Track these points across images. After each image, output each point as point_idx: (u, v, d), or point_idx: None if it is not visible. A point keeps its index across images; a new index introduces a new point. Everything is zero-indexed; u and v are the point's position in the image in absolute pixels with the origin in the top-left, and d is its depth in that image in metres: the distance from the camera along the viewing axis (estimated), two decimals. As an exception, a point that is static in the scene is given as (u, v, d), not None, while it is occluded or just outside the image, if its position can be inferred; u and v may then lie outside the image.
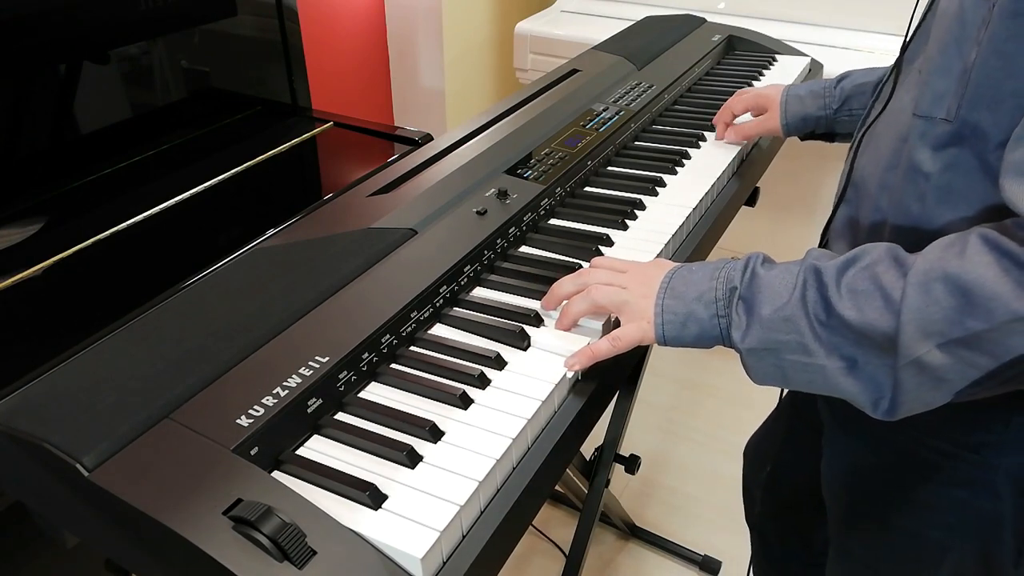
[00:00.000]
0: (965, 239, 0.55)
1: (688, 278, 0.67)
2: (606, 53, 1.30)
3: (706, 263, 0.68)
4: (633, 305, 0.67)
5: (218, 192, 1.12)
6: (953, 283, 0.53)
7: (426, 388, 0.64)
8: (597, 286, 0.69)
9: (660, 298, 0.66)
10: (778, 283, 0.62)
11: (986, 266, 0.52)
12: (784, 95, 1.06)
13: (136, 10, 1.07)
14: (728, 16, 1.90)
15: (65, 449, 0.52)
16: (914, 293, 0.55)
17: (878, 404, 0.58)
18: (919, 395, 0.57)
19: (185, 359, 0.60)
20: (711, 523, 1.66)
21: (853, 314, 0.57)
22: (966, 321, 0.53)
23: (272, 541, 0.47)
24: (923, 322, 0.54)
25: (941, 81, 0.62)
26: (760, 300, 0.62)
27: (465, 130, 1.02)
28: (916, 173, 0.65)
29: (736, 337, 0.63)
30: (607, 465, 1.23)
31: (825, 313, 0.59)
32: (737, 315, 0.63)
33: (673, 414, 1.96)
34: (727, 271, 0.65)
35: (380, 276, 0.72)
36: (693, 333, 0.65)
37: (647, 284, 0.68)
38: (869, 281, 0.57)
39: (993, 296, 0.52)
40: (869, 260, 0.59)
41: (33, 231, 0.98)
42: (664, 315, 0.66)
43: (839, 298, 0.58)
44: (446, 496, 0.54)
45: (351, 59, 1.99)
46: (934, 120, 0.63)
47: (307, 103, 1.38)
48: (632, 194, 0.96)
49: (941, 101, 0.62)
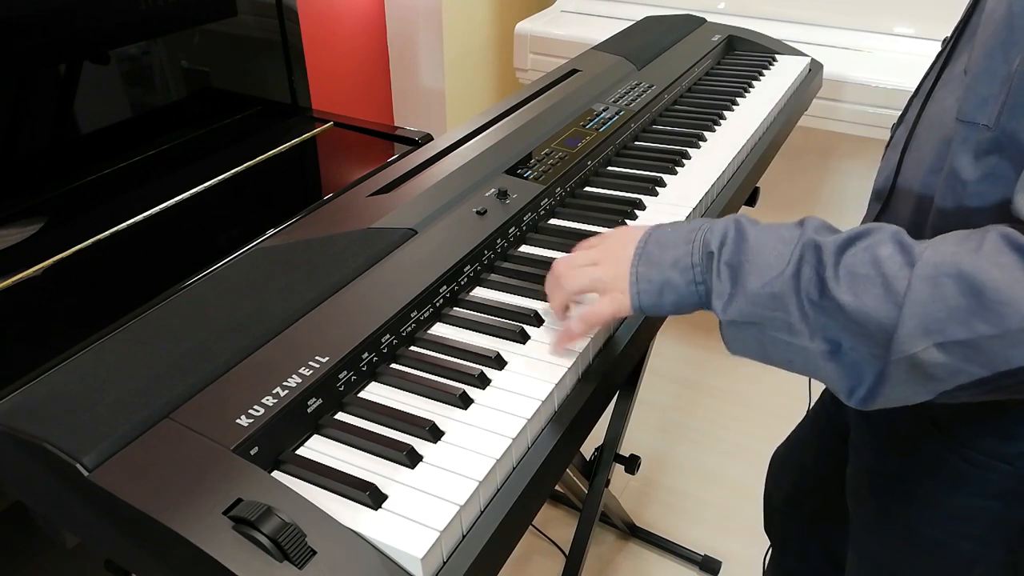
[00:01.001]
0: (983, 235, 0.52)
1: (663, 241, 0.63)
2: (606, 53, 1.30)
3: (682, 223, 0.65)
4: (606, 279, 0.65)
5: (218, 192, 1.12)
6: (967, 281, 0.50)
7: (426, 388, 0.64)
8: (567, 273, 0.67)
9: (634, 267, 0.63)
10: (769, 253, 0.58)
11: (1005, 267, 0.49)
12: None
13: (136, 10, 1.07)
14: (728, 16, 1.90)
15: (65, 449, 0.52)
16: (921, 286, 0.51)
17: (853, 392, 0.56)
18: (902, 390, 0.54)
19: (185, 359, 0.60)
20: (711, 523, 1.66)
21: (849, 299, 0.53)
22: (973, 323, 0.49)
23: (272, 541, 0.47)
24: (926, 318, 0.51)
25: (985, 86, 0.59)
26: (747, 270, 0.58)
27: (465, 130, 1.02)
28: (955, 179, 0.62)
29: (717, 306, 0.59)
30: (607, 465, 1.23)
31: (818, 293, 0.55)
32: (719, 281, 0.59)
33: (673, 414, 1.96)
34: (703, 233, 0.61)
35: (380, 276, 0.72)
36: (670, 300, 0.62)
37: (619, 252, 0.65)
38: (871, 265, 0.54)
39: (1009, 301, 0.48)
40: (872, 241, 0.55)
41: (33, 231, 0.98)
42: (640, 284, 0.63)
43: (836, 281, 0.54)
44: (446, 496, 0.54)
45: (351, 59, 1.99)
46: (976, 126, 0.59)
47: (307, 103, 1.38)
48: (632, 194, 0.96)
49: (984, 107, 0.59)
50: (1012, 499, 0.68)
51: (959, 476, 0.70)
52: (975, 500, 0.70)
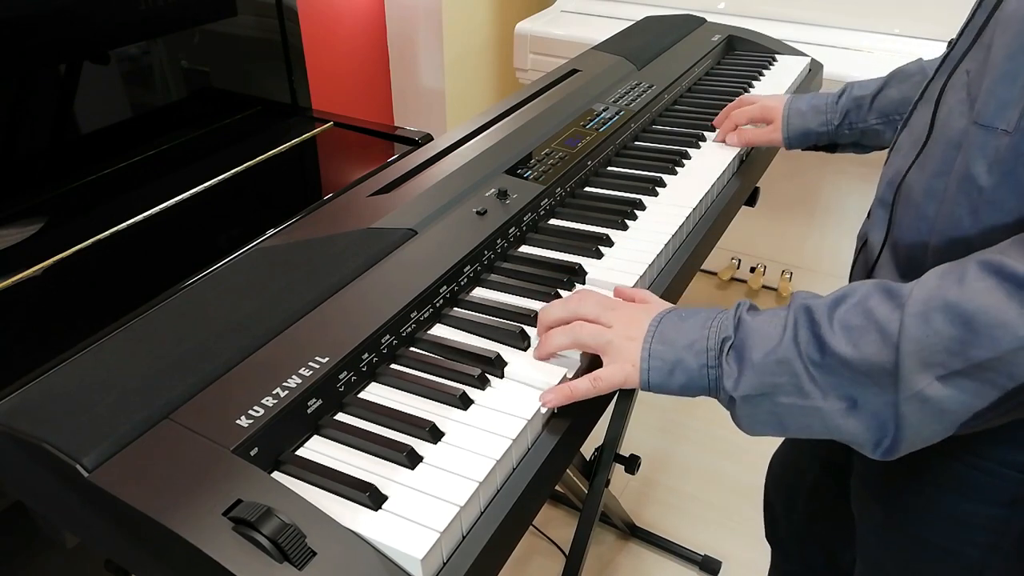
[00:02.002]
0: (964, 266, 0.53)
1: (679, 325, 0.64)
2: (606, 53, 1.30)
3: (697, 310, 0.65)
4: (617, 346, 0.65)
5: (218, 192, 1.12)
6: (953, 312, 0.51)
7: (426, 388, 0.64)
8: (582, 324, 0.66)
9: (648, 342, 0.63)
10: (767, 326, 0.60)
11: (987, 292, 0.50)
12: (787, 109, 1.06)
13: (136, 10, 1.07)
14: (728, 16, 1.90)
15: (65, 449, 0.52)
16: (913, 324, 0.52)
17: (880, 443, 0.56)
18: (921, 430, 0.55)
19: (185, 359, 0.60)
20: (711, 523, 1.66)
21: (849, 350, 0.55)
22: (969, 351, 0.50)
23: (272, 542, 0.47)
24: (923, 353, 0.52)
25: (1006, 90, 0.57)
26: (750, 345, 0.60)
27: (465, 130, 1.02)
28: (971, 184, 0.60)
29: (728, 386, 0.60)
30: (607, 465, 1.23)
31: (819, 352, 0.56)
32: (728, 364, 0.60)
33: (673, 414, 1.96)
34: (720, 320, 0.62)
35: (380, 276, 0.72)
36: (680, 382, 0.62)
37: (634, 326, 0.65)
38: (862, 316, 0.55)
39: (997, 324, 0.49)
40: (860, 296, 0.57)
41: (33, 231, 0.98)
42: (651, 360, 0.63)
43: (832, 335, 0.56)
44: (446, 497, 0.54)
45: (351, 59, 1.99)
46: (995, 131, 0.58)
47: (307, 103, 1.38)
48: (632, 194, 0.96)
49: (1004, 111, 0.57)
50: (1020, 507, 0.67)
51: (966, 483, 0.70)
52: (982, 508, 0.69)
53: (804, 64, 1.43)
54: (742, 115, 1.10)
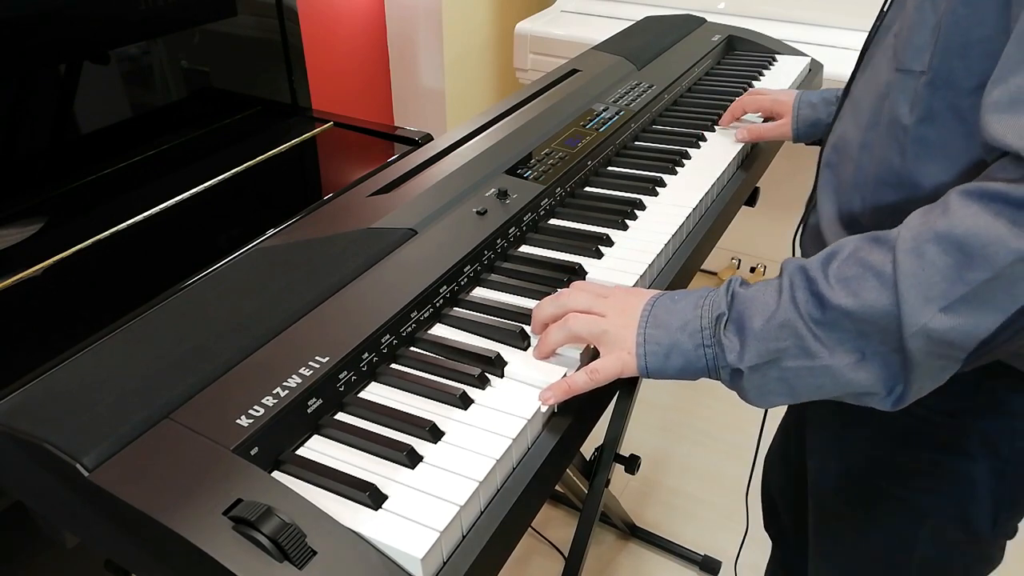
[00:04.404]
0: (944, 200, 0.54)
1: (671, 307, 0.64)
2: (606, 53, 1.30)
3: (689, 291, 0.66)
4: (613, 335, 0.64)
5: (218, 192, 1.12)
6: (945, 240, 0.52)
7: (426, 388, 0.64)
8: (575, 315, 0.66)
9: (642, 327, 0.63)
10: (762, 295, 0.61)
11: (974, 215, 0.51)
12: (797, 101, 1.07)
13: (136, 10, 1.07)
14: (728, 16, 1.90)
15: (65, 449, 0.52)
16: (906, 260, 0.53)
17: (892, 391, 0.57)
18: (929, 369, 0.55)
19: (185, 359, 0.60)
20: (711, 523, 1.66)
21: (849, 301, 0.55)
22: (967, 275, 0.51)
23: (272, 541, 0.47)
24: (922, 287, 0.52)
25: (918, 36, 0.64)
26: (748, 315, 0.60)
27: (465, 130, 1.02)
28: (896, 126, 0.66)
29: (732, 359, 0.60)
30: (607, 465, 1.23)
31: (819, 309, 0.57)
32: (728, 339, 0.61)
33: (673, 414, 1.96)
34: (712, 299, 0.63)
35: (380, 276, 0.72)
36: (677, 365, 0.63)
37: (627, 313, 0.65)
38: (856, 266, 0.56)
39: (989, 241, 0.50)
40: (850, 249, 0.58)
41: (33, 231, 0.98)
42: (647, 345, 0.63)
43: (830, 289, 0.56)
44: (446, 496, 0.54)
45: (351, 59, 1.99)
46: (913, 73, 0.65)
47: (307, 103, 1.38)
48: (632, 194, 0.96)
49: (919, 54, 0.64)
50: (955, 452, 0.71)
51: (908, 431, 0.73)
52: (923, 453, 0.73)
53: (804, 64, 1.43)
54: (752, 103, 1.11)
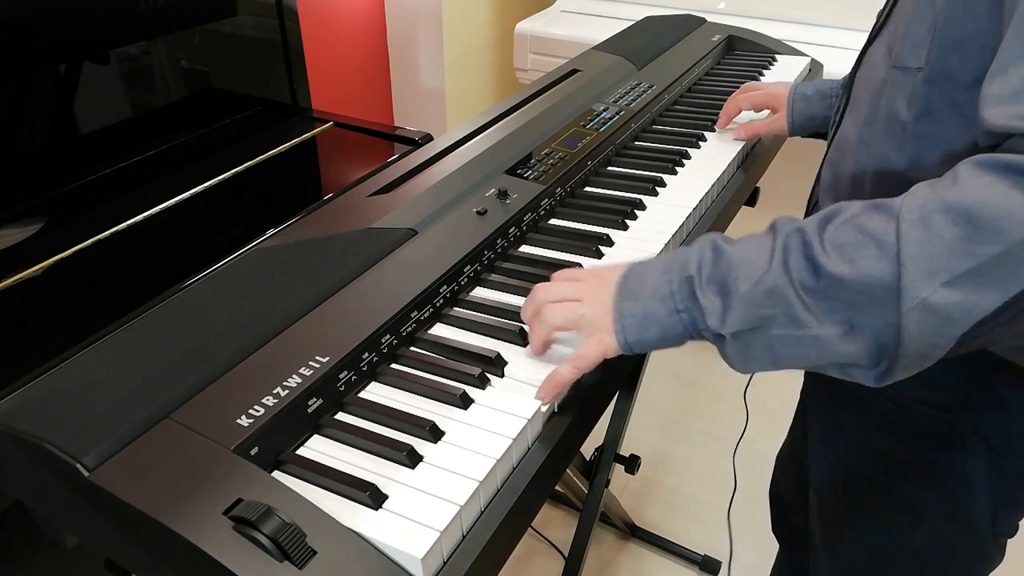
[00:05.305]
0: (954, 171, 0.52)
1: (642, 273, 0.62)
2: (606, 53, 1.30)
3: (659, 257, 0.64)
4: (590, 318, 0.62)
5: (218, 192, 1.12)
6: (955, 211, 0.49)
7: (426, 388, 0.64)
8: (550, 306, 0.64)
9: (617, 303, 0.61)
10: (752, 254, 0.57)
11: (987, 186, 0.48)
12: (792, 94, 1.07)
13: (136, 10, 1.07)
14: (728, 16, 1.90)
15: (65, 449, 0.52)
16: (912, 230, 0.50)
17: (879, 364, 0.54)
18: (921, 346, 0.52)
19: (185, 359, 0.60)
20: (711, 523, 1.66)
21: (845, 268, 0.52)
22: (975, 248, 0.48)
23: (272, 541, 0.47)
24: (927, 259, 0.49)
25: (915, 32, 0.64)
26: (734, 276, 0.57)
27: (465, 130, 1.02)
28: (894, 122, 0.66)
29: (713, 324, 0.57)
30: (607, 465, 1.23)
31: (813, 276, 0.53)
32: (708, 300, 0.57)
33: (673, 414, 1.96)
34: (680, 260, 0.60)
35: (380, 276, 0.72)
36: (655, 334, 0.60)
37: (602, 290, 0.63)
38: (855, 231, 0.53)
39: (1003, 214, 0.47)
40: (849, 214, 0.54)
41: (33, 231, 0.98)
42: (623, 319, 0.61)
43: (826, 256, 0.53)
44: (446, 496, 0.54)
45: (351, 59, 1.99)
46: (909, 70, 0.65)
47: (307, 103, 1.38)
48: (632, 194, 0.96)
49: (916, 50, 0.64)
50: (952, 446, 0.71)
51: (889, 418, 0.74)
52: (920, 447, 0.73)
53: (804, 64, 1.43)
54: (746, 100, 1.11)
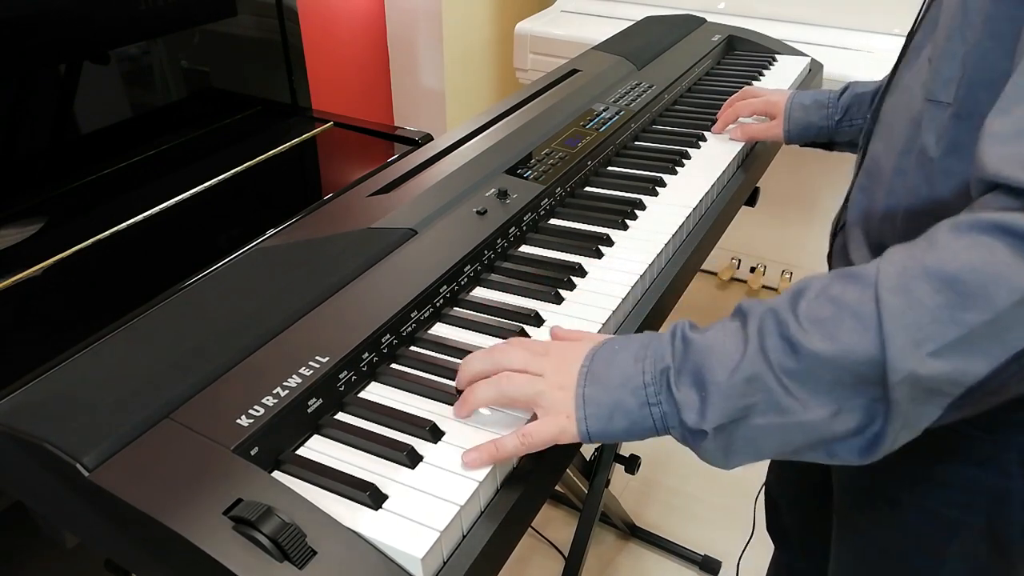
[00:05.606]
0: (930, 235, 0.49)
1: (611, 359, 0.57)
2: (606, 53, 1.30)
3: (631, 338, 0.58)
4: (549, 396, 0.57)
5: (218, 192, 1.12)
6: (935, 277, 0.46)
7: (426, 388, 0.64)
8: (508, 375, 0.59)
9: (580, 387, 0.56)
10: (723, 342, 0.53)
11: (967, 249, 0.46)
12: (789, 103, 1.07)
13: (136, 10, 1.07)
14: (728, 16, 1.90)
15: (65, 449, 0.52)
16: (891, 299, 0.47)
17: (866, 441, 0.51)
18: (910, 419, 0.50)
19: (185, 359, 0.60)
20: (711, 523, 1.66)
21: (826, 345, 0.48)
22: (961, 316, 0.45)
23: (272, 541, 0.47)
24: (910, 329, 0.46)
25: (948, 67, 0.63)
26: (708, 366, 0.53)
27: (465, 130, 1.02)
28: (924, 158, 0.65)
29: (691, 420, 0.53)
30: (607, 465, 1.23)
31: (792, 357, 0.50)
32: (684, 394, 0.53)
33: (673, 414, 1.96)
34: (654, 348, 0.56)
35: (380, 276, 0.72)
36: (621, 426, 0.55)
37: (565, 370, 0.58)
38: (830, 305, 0.49)
39: (990, 279, 0.45)
40: (818, 287, 0.51)
41: (33, 231, 0.98)
42: (587, 407, 0.55)
43: (803, 332, 0.49)
44: (446, 496, 0.54)
45: (351, 59, 1.99)
46: (940, 104, 0.64)
47: (307, 103, 1.38)
48: (632, 194, 0.96)
49: (948, 86, 0.63)
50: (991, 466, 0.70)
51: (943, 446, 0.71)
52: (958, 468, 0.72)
53: (804, 64, 1.43)
54: (745, 107, 1.11)
